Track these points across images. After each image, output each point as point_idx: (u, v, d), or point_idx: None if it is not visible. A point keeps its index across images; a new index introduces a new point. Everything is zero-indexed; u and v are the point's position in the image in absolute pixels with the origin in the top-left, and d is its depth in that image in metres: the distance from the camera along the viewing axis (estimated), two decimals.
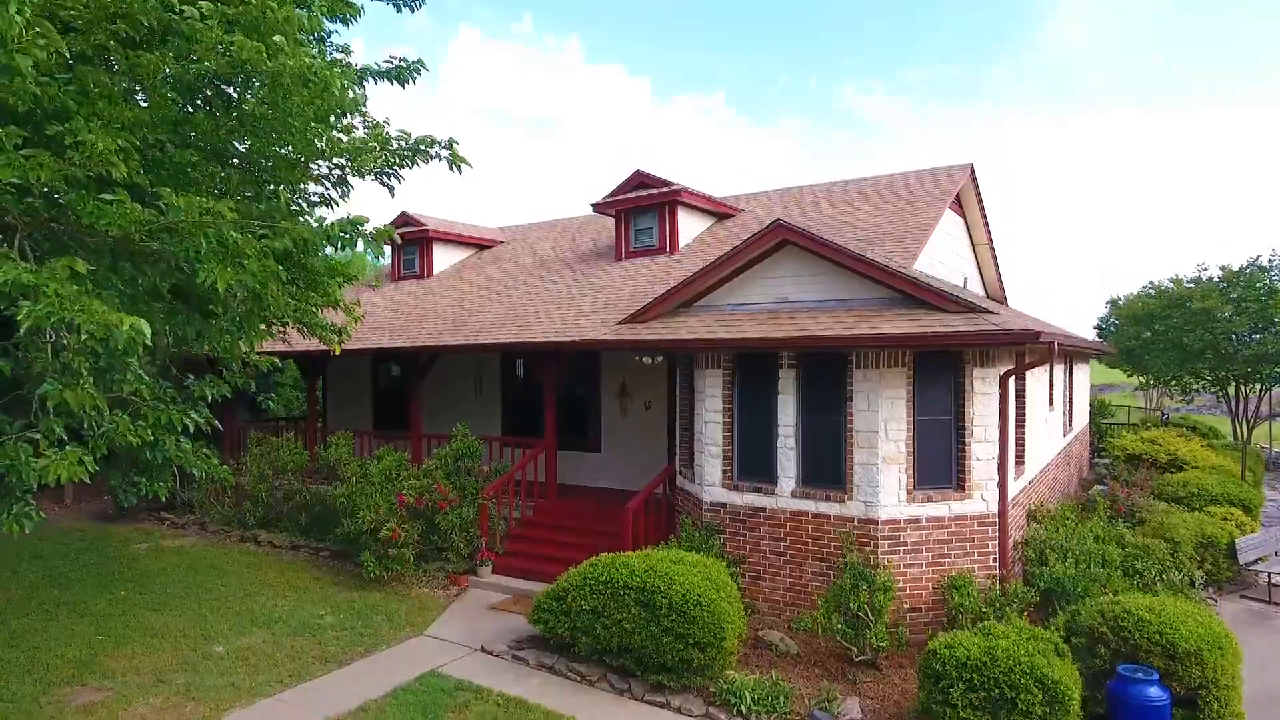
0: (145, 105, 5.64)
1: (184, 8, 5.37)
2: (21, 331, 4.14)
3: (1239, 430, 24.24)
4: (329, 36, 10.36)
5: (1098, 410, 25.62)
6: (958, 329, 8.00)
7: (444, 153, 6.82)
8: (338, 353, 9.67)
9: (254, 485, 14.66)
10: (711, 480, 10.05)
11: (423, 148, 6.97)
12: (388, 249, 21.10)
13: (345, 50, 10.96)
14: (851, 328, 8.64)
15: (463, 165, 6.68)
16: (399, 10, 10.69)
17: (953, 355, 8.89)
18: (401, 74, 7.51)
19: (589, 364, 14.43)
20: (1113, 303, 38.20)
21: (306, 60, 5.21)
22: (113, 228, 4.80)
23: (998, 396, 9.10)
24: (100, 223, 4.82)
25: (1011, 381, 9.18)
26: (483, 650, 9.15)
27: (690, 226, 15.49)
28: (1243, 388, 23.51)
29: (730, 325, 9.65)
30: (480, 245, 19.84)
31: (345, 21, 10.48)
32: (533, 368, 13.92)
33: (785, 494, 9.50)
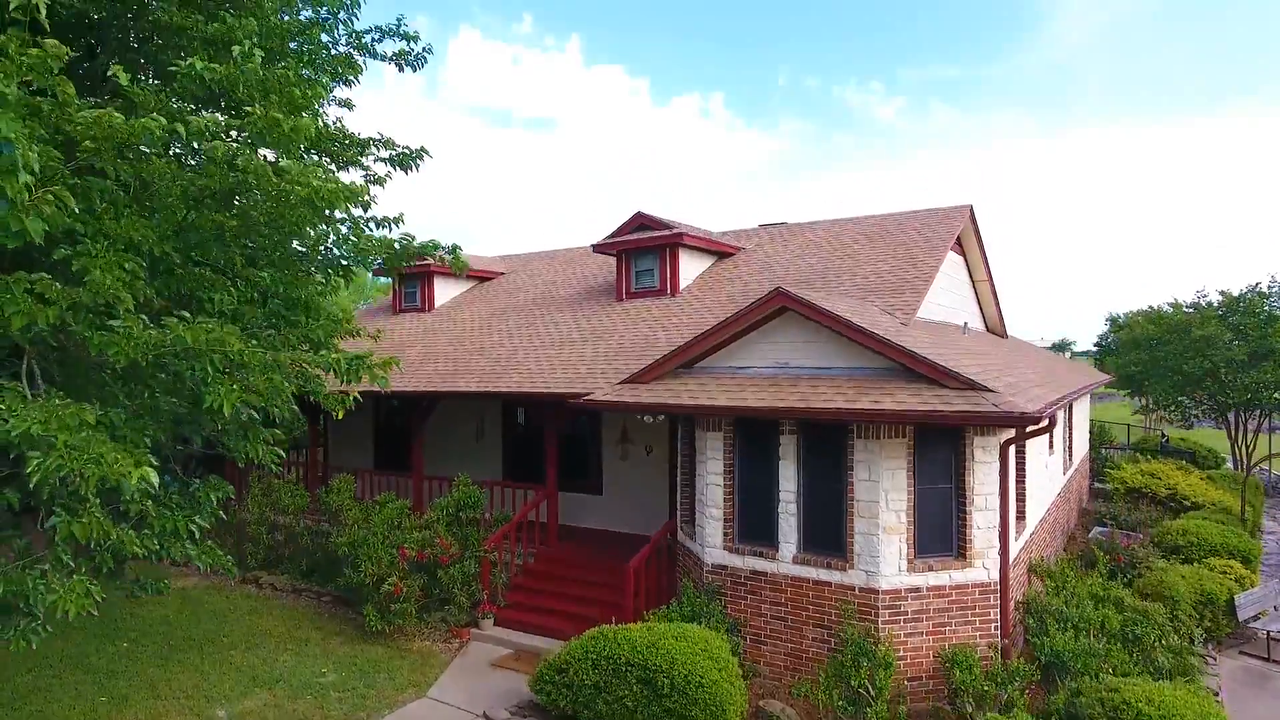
0: (151, 217, 5.67)
1: (190, 118, 5.42)
2: (31, 485, 4.17)
3: (1238, 455, 24.29)
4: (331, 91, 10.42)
5: (1098, 435, 25.67)
6: (958, 408, 8.03)
7: (446, 256, 6.87)
8: (340, 418, 9.69)
9: (255, 528, 14.69)
10: (713, 542, 10.09)
11: (425, 251, 7.03)
12: (385, 274, 21.09)
13: (347, 105, 11.02)
14: (853, 400, 8.67)
15: (463, 268, 6.75)
16: (400, 70, 10.77)
17: (954, 427, 8.92)
18: (405, 160, 7.56)
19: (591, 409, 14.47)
20: (1113, 320, 38.26)
21: (315, 183, 5.26)
22: (120, 357, 4.83)
23: (998, 465, 9.14)
24: (109, 351, 4.85)
25: (1012, 448, 9.22)
26: (484, 717, 9.18)
27: (691, 267, 15.53)
28: (1242, 414, 23.55)
29: (731, 390, 9.68)
30: (481, 277, 19.87)
31: (348, 83, 10.55)
32: (534, 414, 13.96)
33: (786, 559, 9.54)
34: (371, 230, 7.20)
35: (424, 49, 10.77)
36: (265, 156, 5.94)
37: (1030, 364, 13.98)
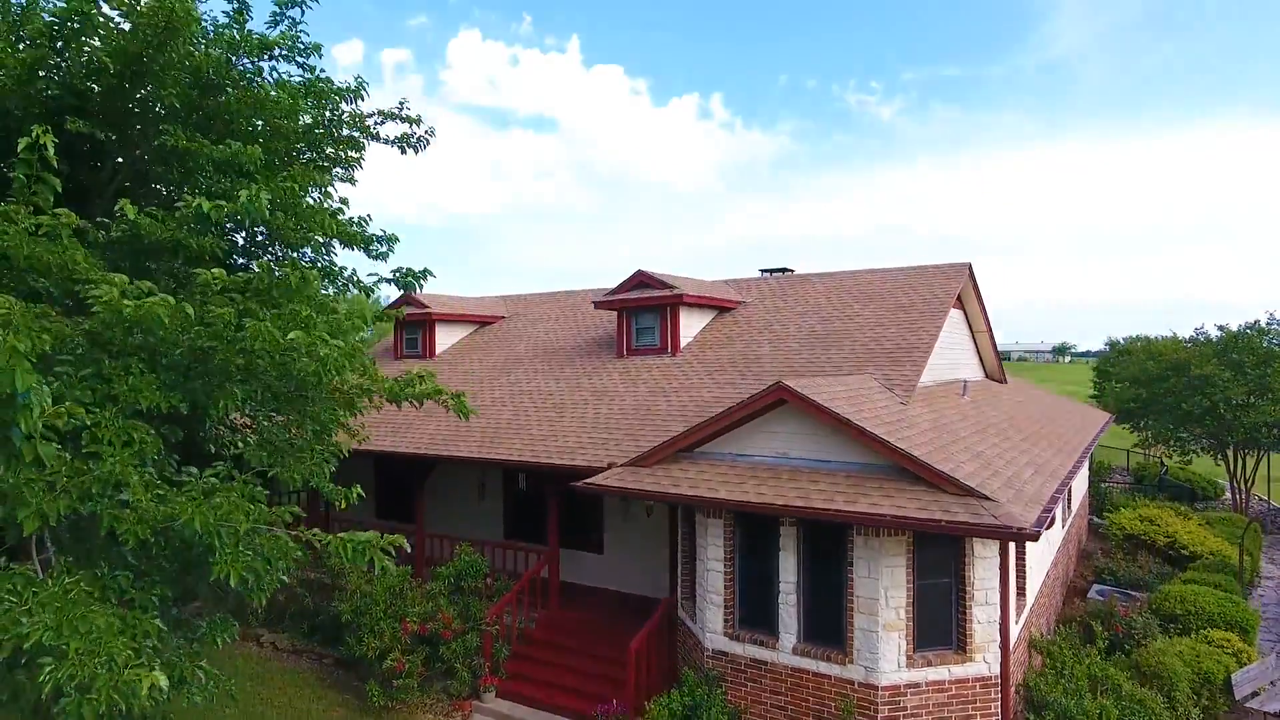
0: (156, 373, 5.73)
1: (197, 290, 5.47)
2: (42, 695, 4.24)
3: (1237, 489, 24.36)
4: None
5: (1096, 469, 25.73)
6: (957, 519, 8.08)
7: (450, 401, 6.96)
8: (343, 508, 9.75)
9: None
10: (714, 627, 10.15)
11: (426, 395, 7.16)
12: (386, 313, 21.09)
13: (351, 181, 11.07)
14: (852, 501, 8.73)
15: (467, 414, 6.85)
16: (403, 152, 10.85)
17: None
18: (408, 281, 7.64)
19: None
20: (1112, 344, 38.32)
21: (323, 353, 5.34)
22: (129, 537, 4.89)
23: (998, 560, 9.20)
24: (119, 529, 4.92)
25: (1012, 543, 9.28)
26: None
27: (692, 323, 15.58)
28: (1241, 451, 23.62)
29: (731, 482, 9.74)
30: (482, 321, 19.93)
31: (350, 167, 10.64)
32: (535, 476, 14.02)
33: (786, 649, 9.60)
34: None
35: (427, 131, 10.86)
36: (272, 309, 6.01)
37: (1030, 427, 14.03)
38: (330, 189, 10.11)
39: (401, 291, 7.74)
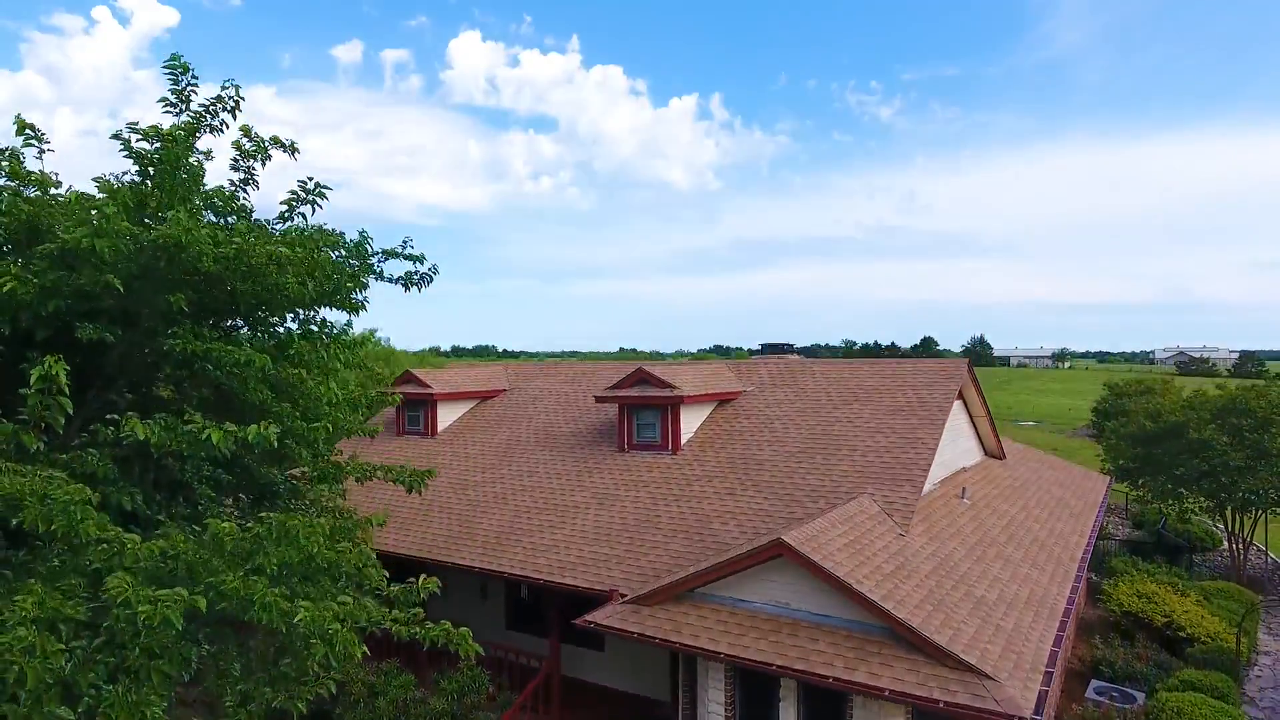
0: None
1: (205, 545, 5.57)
2: None
3: (1235, 549, 24.48)
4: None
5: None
6: (957, 698, 8.17)
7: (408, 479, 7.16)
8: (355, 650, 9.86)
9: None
10: None
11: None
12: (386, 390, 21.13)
13: (354, 311, 11.16)
14: (852, 667, 8.82)
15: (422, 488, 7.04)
16: (406, 290, 10.95)
17: None
18: (412, 481, 7.76)
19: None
20: (1110, 386, 38.42)
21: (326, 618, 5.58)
22: None
23: None
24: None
25: None
26: None
27: (692, 418, 15.67)
28: (1240, 515, 23.72)
29: (732, 632, 9.83)
30: (483, 396, 20.02)
31: (354, 310, 10.73)
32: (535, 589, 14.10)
33: None
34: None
35: (430, 269, 10.97)
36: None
37: (1029, 532, 14.12)
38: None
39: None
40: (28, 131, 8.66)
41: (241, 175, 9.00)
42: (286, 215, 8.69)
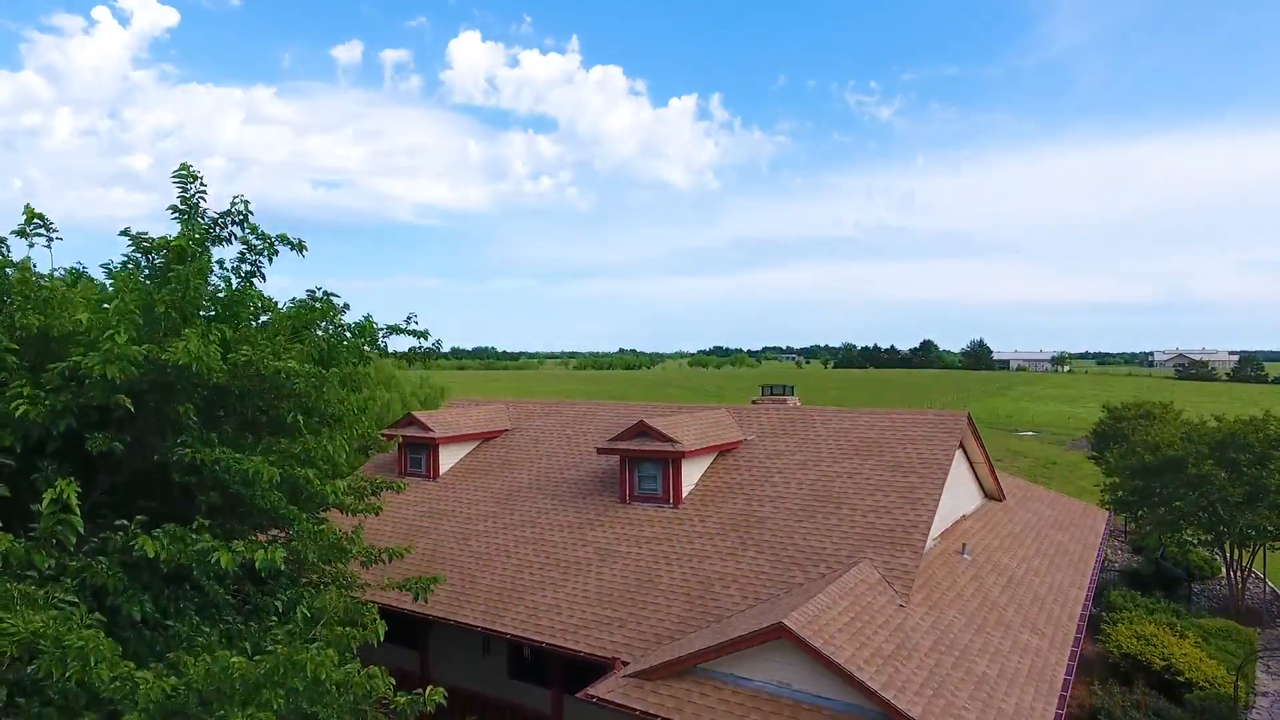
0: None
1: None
2: None
3: (1234, 580, 24.58)
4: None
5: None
6: None
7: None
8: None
9: None
10: None
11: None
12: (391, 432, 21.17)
13: (356, 388, 11.27)
14: None
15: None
16: (409, 365, 11.05)
17: None
18: (418, 589, 7.81)
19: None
20: (1109, 409, 38.51)
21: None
22: None
23: None
24: None
25: None
26: None
27: (693, 470, 15.75)
28: (1239, 548, 23.84)
29: (734, 709, 9.92)
30: (485, 437, 20.10)
31: (359, 391, 10.79)
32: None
33: None
34: None
35: (434, 344, 11.08)
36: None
37: (1028, 589, 14.21)
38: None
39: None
40: (36, 220, 8.76)
41: (249, 268, 9.10)
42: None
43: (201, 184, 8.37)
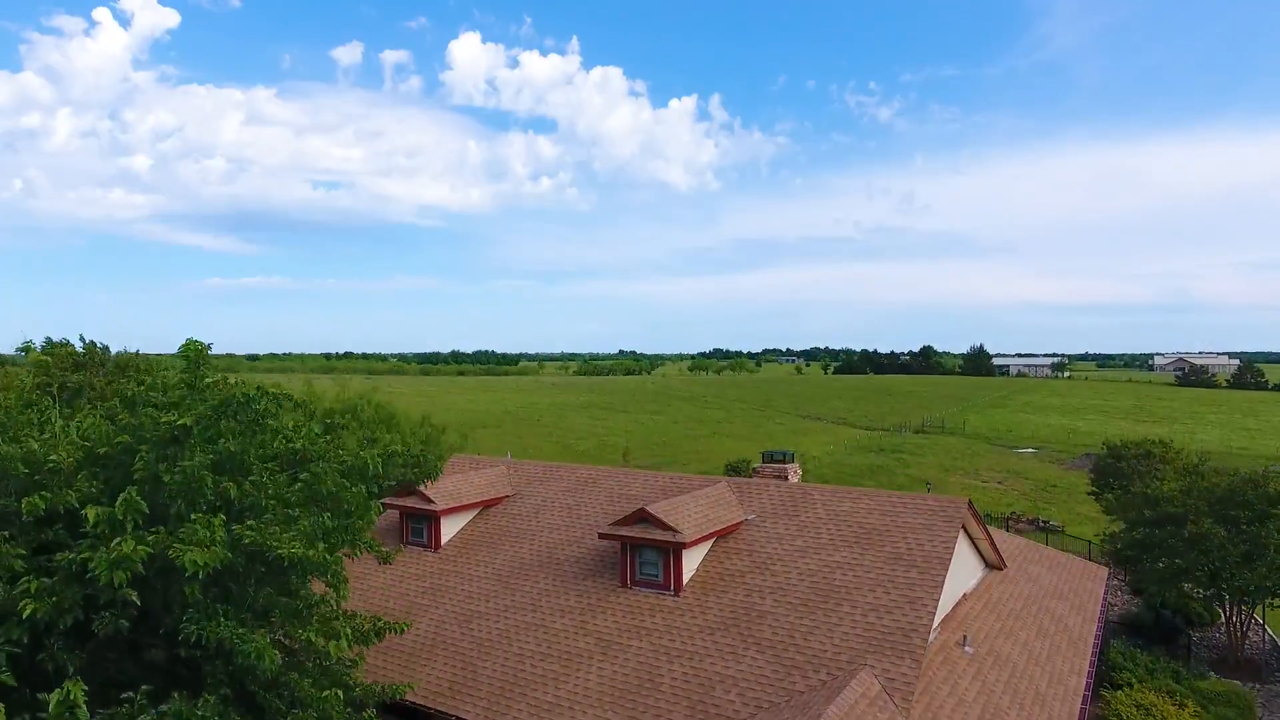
0: None
1: None
2: None
3: (1233, 633, 24.66)
4: None
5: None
6: None
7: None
8: None
9: None
10: None
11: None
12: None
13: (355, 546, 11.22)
14: None
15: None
16: (407, 494, 11.06)
17: None
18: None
19: None
20: (1107, 444, 38.54)
21: None
22: None
23: None
24: None
25: None
26: None
27: (694, 555, 15.81)
28: (1238, 606, 23.92)
29: None
30: (486, 505, 20.16)
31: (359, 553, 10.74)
32: None
33: None
34: None
35: (430, 470, 11.11)
36: None
37: (1031, 678, 14.27)
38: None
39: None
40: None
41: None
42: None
43: (210, 364, 8.44)
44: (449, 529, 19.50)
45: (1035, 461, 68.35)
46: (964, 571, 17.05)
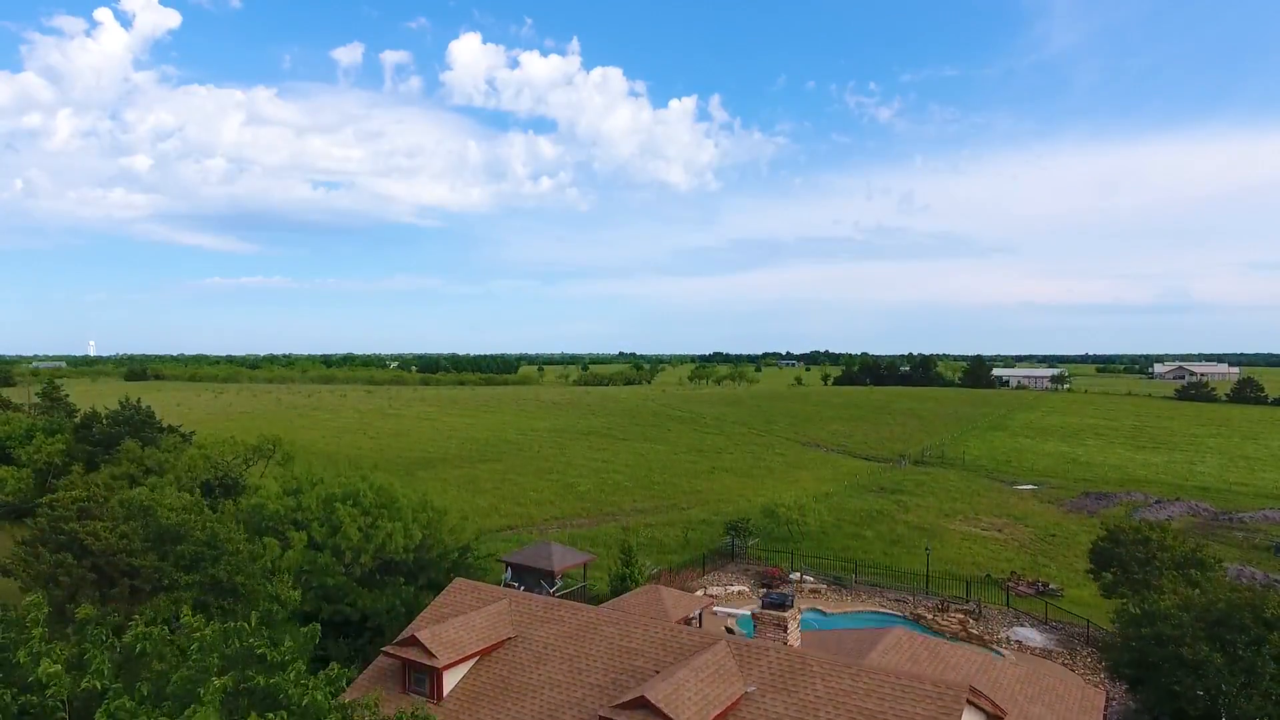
0: None
1: None
2: None
3: None
4: None
5: None
6: None
7: None
8: None
9: None
10: None
11: None
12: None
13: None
14: None
15: None
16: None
17: None
18: None
19: None
20: (1108, 529, 38.62)
21: None
22: None
23: None
24: None
25: None
26: None
27: None
28: None
29: None
30: (487, 651, 20.30)
31: None
32: None
33: None
34: None
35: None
36: None
37: None
38: None
39: None
40: None
41: None
42: None
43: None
44: (450, 679, 19.64)
45: (1035, 501, 68.47)
46: None
